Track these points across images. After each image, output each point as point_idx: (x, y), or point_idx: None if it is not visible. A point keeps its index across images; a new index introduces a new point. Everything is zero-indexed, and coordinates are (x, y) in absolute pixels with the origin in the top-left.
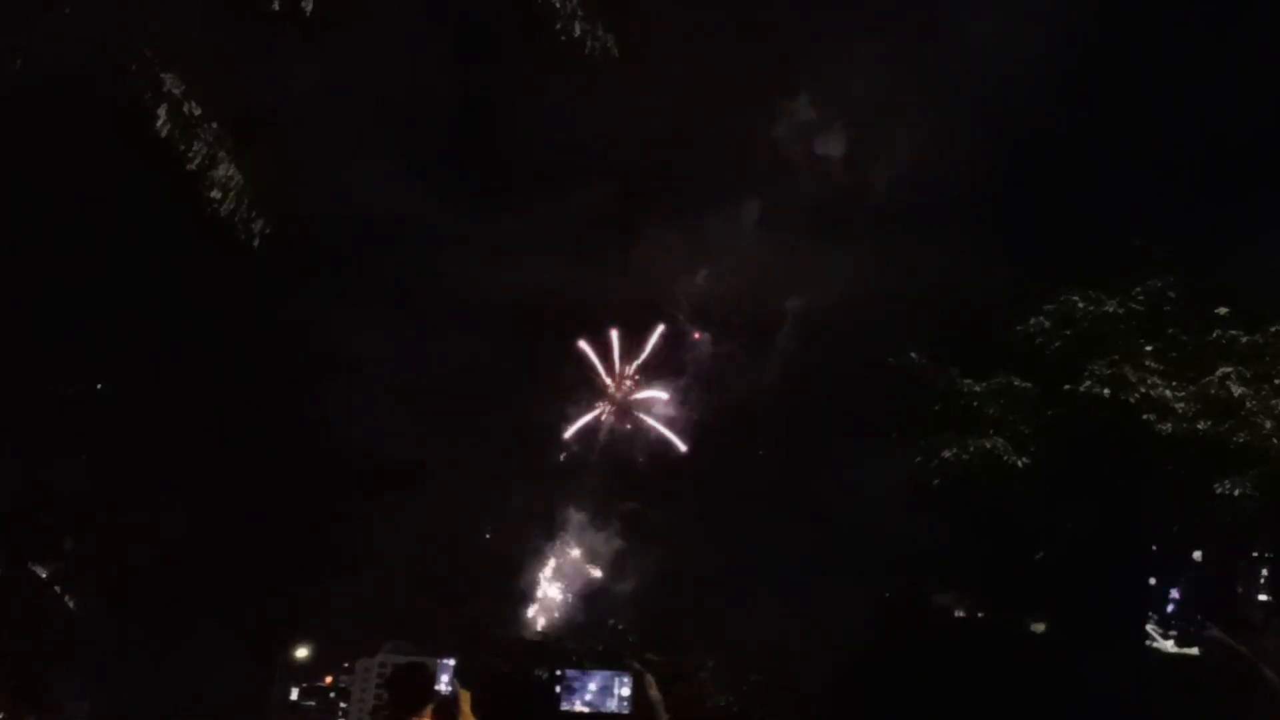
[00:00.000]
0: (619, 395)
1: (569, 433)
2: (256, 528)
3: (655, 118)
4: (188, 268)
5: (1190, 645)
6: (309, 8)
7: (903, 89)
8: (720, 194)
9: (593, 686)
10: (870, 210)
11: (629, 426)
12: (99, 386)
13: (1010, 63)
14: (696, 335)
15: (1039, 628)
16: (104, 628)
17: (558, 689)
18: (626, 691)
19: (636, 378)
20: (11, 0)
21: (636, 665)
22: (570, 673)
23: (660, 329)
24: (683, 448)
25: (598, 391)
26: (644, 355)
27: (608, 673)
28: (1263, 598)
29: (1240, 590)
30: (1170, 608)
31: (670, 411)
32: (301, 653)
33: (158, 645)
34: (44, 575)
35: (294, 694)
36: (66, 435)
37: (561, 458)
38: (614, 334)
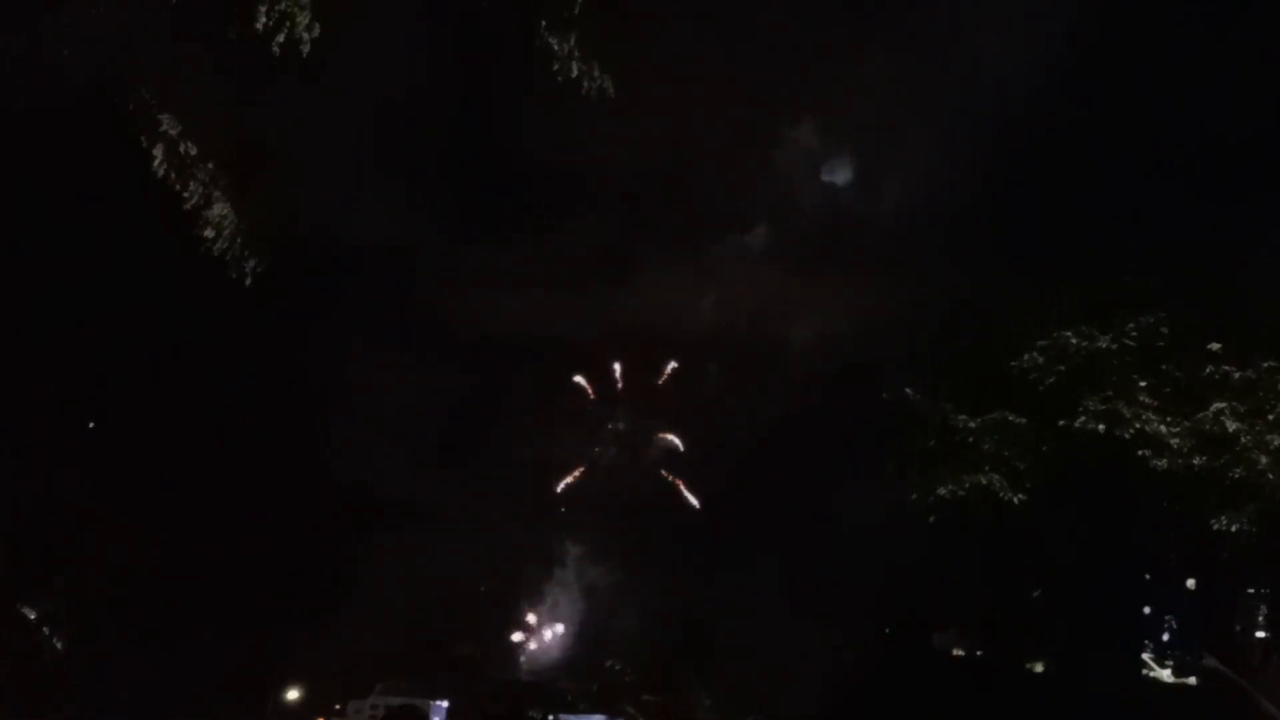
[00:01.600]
0: (619, 430)
1: (567, 481)
2: (245, 566)
3: (654, 148)
4: (181, 301)
5: (1188, 675)
6: (306, 50)
7: (899, 116)
8: (717, 226)
9: None
10: (866, 241)
11: (628, 463)
12: (91, 426)
13: (1007, 84)
14: (692, 368)
15: (1038, 667)
16: (91, 669)
17: None
18: None
19: (635, 414)
20: (11, 42)
21: (630, 709)
22: (565, 717)
23: (661, 364)
24: (695, 503)
25: (596, 428)
26: (643, 389)
27: (600, 717)
28: (1260, 634)
29: (1238, 629)
30: (1166, 637)
31: (670, 448)
32: (291, 694)
33: (145, 686)
34: (33, 616)
35: None
36: (56, 474)
37: (562, 509)
38: (616, 367)
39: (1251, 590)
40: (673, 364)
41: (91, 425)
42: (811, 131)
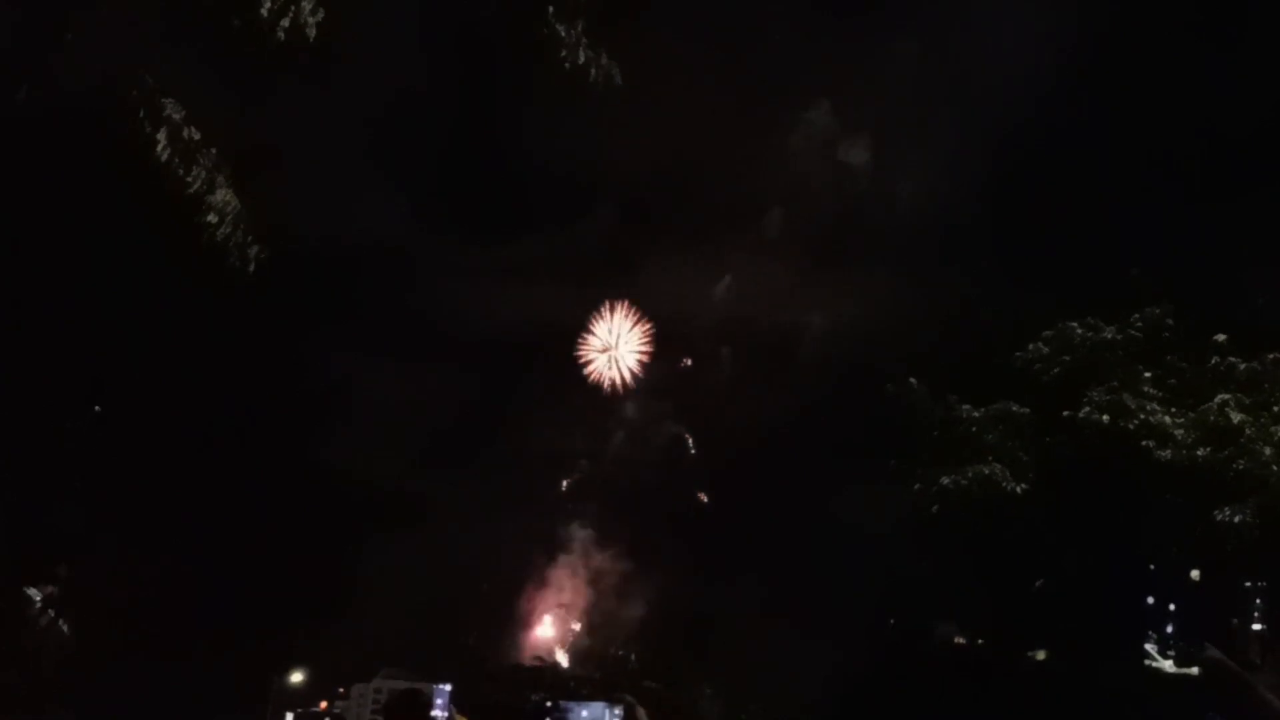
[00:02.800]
0: (627, 423)
1: (574, 473)
2: (253, 554)
3: (664, 137)
4: (185, 302)
5: (1189, 665)
6: (312, 34)
7: (902, 117)
8: (728, 218)
9: (585, 716)
10: (871, 238)
11: (636, 456)
12: (97, 409)
13: (1011, 85)
14: (702, 358)
15: (1040, 655)
16: (98, 653)
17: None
18: None
19: (644, 406)
20: (17, 29)
21: (628, 697)
22: (564, 704)
23: (670, 355)
24: (702, 496)
25: (605, 421)
26: (652, 381)
27: (600, 704)
28: (1257, 627)
29: (1235, 622)
30: (1169, 627)
31: (679, 440)
32: (296, 678)
33: (152, 670)
34: (39, 600)
35: (288, 719)
36: (65, 464)
37: (569, 505)
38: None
39: (1248, 583)
40: (686, 360)
41: (97, 410)
42: (827, 113)
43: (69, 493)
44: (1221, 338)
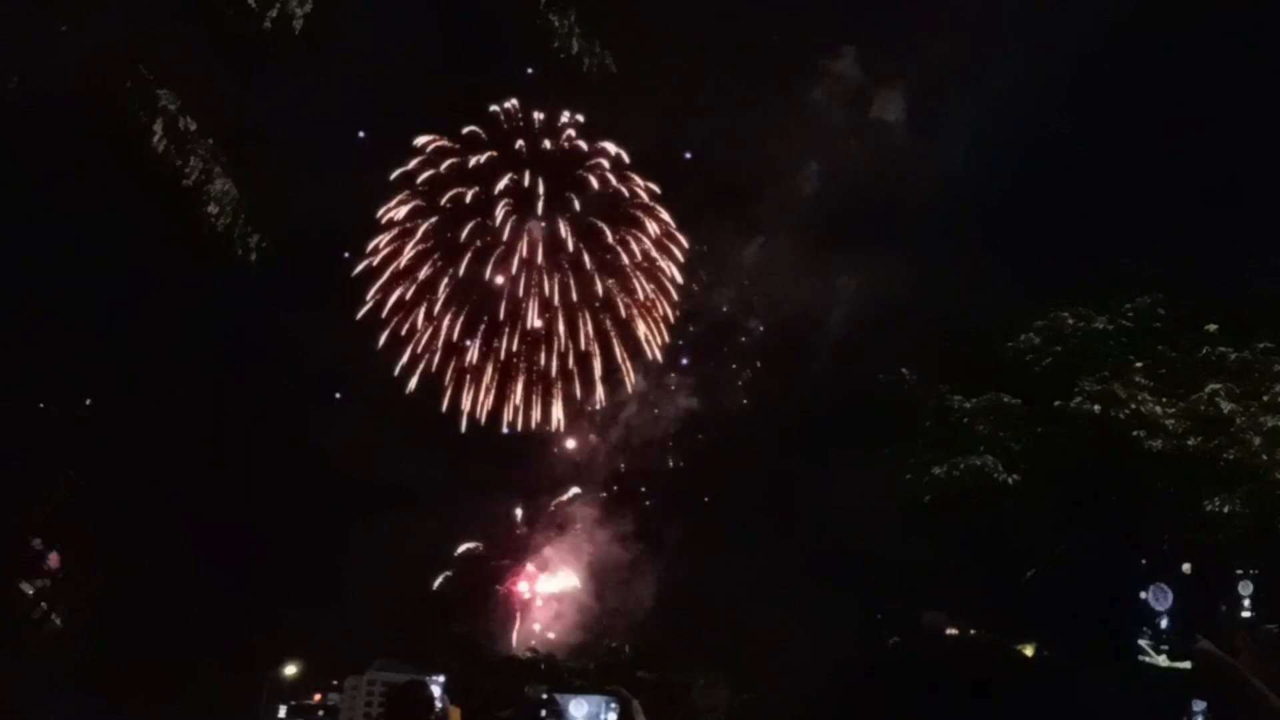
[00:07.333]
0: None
1: (569, 453)
2: (245, 545)
3: (650, 132)
4: (176, 287)
5: (1182, 660)
6: (299, 26)
7: (898, 107)
8: (718, 205)
9: (582, 709)
10: (864, 228)
11: (635, 444)
12: (88, 403)
13: (1009, 77)
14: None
15: (1028, 649)
16: (90, 645)
17: (543, 713)
18: (614, 718)
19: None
20: (9, 19)
21: (624, 691)
22: (560, 697)
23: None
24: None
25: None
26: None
27: (598, 698)
28: (1246, 614)
29: (1223, 609)
30: (1163, 622)
31: (680, 426)
32: (290, 670)
33: (144, 663)
34: (30, 592)
35: (282, 712)
36: (55, 453)
37: (568, 496)
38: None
39: (1239, 571)
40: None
41: (89, 402)
42: (825, 90)
43: (60, 483)
44: (1212, 327)
